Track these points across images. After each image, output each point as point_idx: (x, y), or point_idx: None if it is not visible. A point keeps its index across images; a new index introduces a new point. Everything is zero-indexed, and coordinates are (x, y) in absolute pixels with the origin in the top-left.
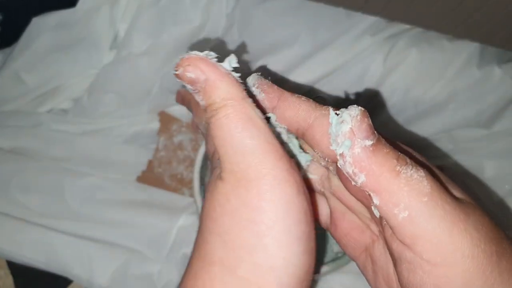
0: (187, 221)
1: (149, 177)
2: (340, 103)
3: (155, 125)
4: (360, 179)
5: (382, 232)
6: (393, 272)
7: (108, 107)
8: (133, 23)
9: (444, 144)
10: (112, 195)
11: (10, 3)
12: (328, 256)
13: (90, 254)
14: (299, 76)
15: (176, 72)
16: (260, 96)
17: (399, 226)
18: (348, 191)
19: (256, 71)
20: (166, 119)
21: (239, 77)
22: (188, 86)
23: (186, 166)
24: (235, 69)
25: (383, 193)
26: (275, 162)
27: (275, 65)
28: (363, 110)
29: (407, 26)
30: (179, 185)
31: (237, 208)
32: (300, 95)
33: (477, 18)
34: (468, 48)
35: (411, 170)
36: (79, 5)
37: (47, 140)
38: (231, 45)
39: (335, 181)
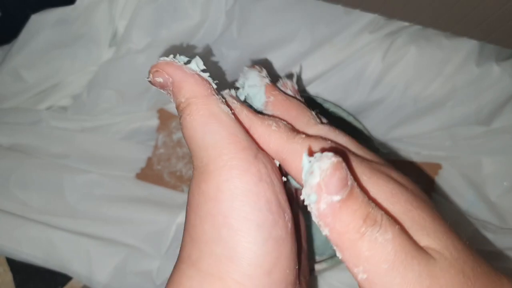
0: None
1: (148, 174)
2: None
3: (154, 122)
4: (325, 231)
5: None
6: None
7: (107, 104)
8: (132, 20)
9: (442, 141)
10: (111, 192)
11: (9, 0)
12: (327, 252)
13: (89, 251)
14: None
15: (148, 79)
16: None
17: (359, 283)
18: None
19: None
20: (165, 116)
21: (209, 76)
22: (162, 91)
23: (185, 163)
24: (204, 71)
25: (345, 251)
26: (234, 154)
27: (274, 62)
28: (336, 162)
29: (406, 24)
30: (178, 182)
31: (199, 203)
32: (270, 123)
33: (476, 15)
34: (466, 46)
35: (377, 231)
36: (78, 2)
37: (46, 137)
38: (231, 43)
39: None
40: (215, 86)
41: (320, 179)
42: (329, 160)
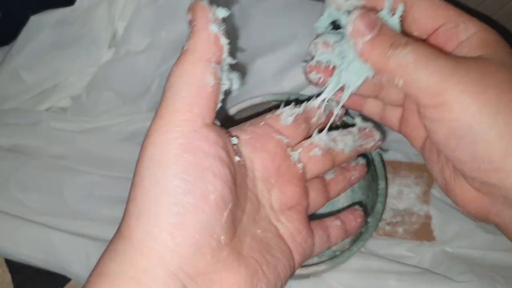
0: None
1: None
2: None
3: None
4: (368, 68)
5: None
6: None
7: (107, 105)
8: (132, 21)
9: None
10: (111, 193)
11: (8, 1)
12: (326, 254)
13: (89, 252)
14: (297, 75)
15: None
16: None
17: (405, 90)
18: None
19: None
20: None
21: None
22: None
23: None
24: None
25: (383, 72)
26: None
27: (273, 64)
28: (361, 12)
29: None
30: None
31: (142, 151)
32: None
33: (476, 16)
34: None
35: (400, 51)
36: (77, 3)
37: (46, 138)
38: (230, 44)
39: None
40: (224, 54)
41: (352, 27)
42: (355, 12)
